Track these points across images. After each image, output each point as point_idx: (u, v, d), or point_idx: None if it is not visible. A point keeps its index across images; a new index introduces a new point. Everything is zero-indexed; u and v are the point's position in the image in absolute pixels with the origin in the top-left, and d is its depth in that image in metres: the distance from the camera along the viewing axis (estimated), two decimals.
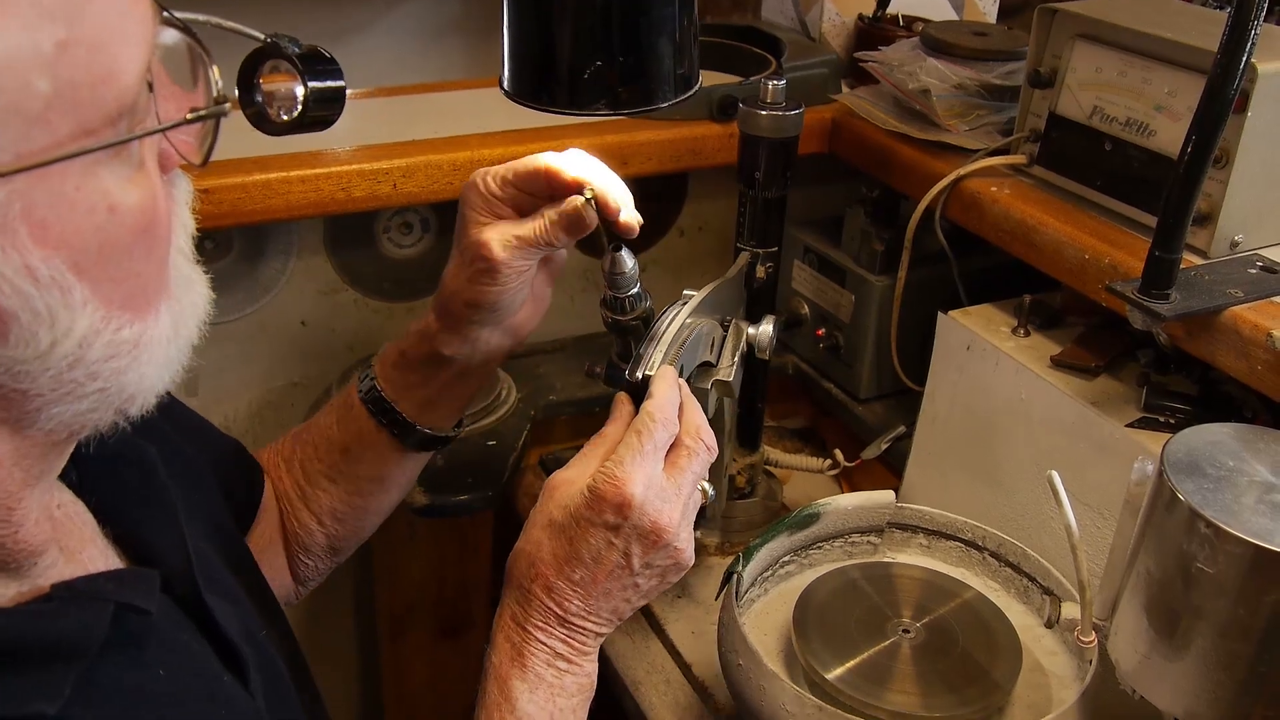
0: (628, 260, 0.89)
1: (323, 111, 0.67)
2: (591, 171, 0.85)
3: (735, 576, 0.96)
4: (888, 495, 1.07)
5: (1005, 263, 1.17)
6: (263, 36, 0.65)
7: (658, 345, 0.87)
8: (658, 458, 0.78)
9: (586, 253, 1.41)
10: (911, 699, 0.90)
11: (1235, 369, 0.92)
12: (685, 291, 0.97)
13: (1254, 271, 0.97)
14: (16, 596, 0.55)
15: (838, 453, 1.30)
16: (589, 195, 0.83)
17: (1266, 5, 0.80)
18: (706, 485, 0.81)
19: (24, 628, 0.52)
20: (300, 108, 0.66)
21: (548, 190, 0.85)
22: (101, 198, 0.48)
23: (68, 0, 0.46)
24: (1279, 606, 0.73)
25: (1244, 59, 0.81)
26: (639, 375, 0.84)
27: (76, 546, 0.61)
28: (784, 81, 1.05)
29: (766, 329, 1.03)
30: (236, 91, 0.65)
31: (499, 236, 0.85)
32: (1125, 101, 1.06)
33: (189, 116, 0.53)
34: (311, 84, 0.65)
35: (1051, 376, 1.05)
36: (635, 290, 0.91)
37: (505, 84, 0.88)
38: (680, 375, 0.87)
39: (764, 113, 1.04)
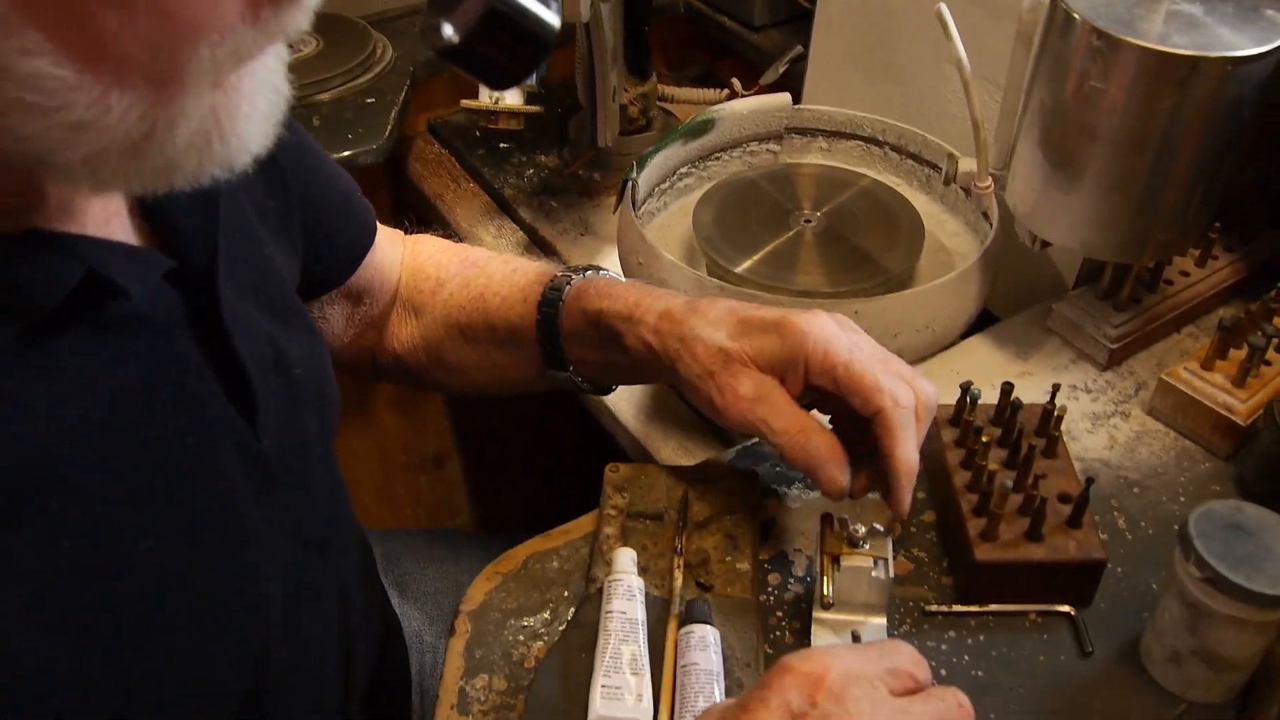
0: None
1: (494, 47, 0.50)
2: (907, 493, 0.64)
3: (630, 183, 0.92)
4: (784, 98, 1.03)
5: None
6: None
7: None
8: (879, 665, 0.56)
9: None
10: (817, 279, 0.89)
11: None
12: None
13: None
14: None
15: (735, 81, 1.25)
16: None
17: None
18: None
19: None
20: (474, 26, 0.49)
21: (858, 409, 0.65)
22: None
23: None
24: (1173, 115, 0.72)
25: None
26: None
27: (100, 218, 0.49)
28: None
29: None
30: None
31: (751, 403, 0.65)
32: None
33: None
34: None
35: None
36: None
37: None
38: None
39: None
